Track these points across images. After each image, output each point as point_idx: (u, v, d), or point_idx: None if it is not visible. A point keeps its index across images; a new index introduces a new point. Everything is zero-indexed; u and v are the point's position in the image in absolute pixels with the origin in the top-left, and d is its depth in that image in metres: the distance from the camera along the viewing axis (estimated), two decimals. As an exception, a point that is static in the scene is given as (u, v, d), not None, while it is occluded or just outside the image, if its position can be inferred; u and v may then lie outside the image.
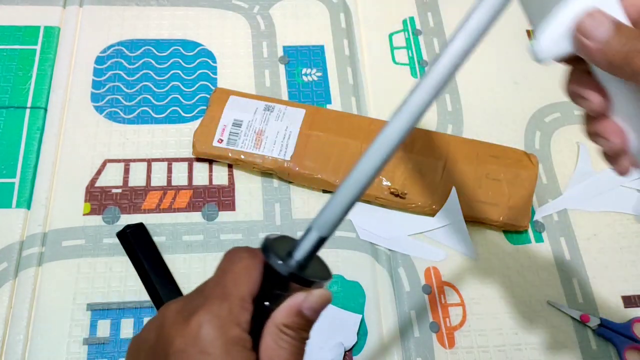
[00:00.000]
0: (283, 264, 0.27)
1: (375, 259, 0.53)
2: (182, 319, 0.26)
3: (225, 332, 0.26)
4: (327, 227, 0.28)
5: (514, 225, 0.54)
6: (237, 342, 0.26)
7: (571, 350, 0.50)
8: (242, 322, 0.26)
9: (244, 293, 0.27)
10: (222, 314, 0.26)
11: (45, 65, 0.60)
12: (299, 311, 0.28)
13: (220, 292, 0.27)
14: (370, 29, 0.66)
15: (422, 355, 0.49)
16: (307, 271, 0.28)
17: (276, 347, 0.27)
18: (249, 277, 0.28)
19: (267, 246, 0.28)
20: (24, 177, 0.54)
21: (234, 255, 0.29)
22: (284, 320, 0.28)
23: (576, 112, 0.62)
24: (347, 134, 0.56)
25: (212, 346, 0.25)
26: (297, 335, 0.28)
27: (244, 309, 0.27)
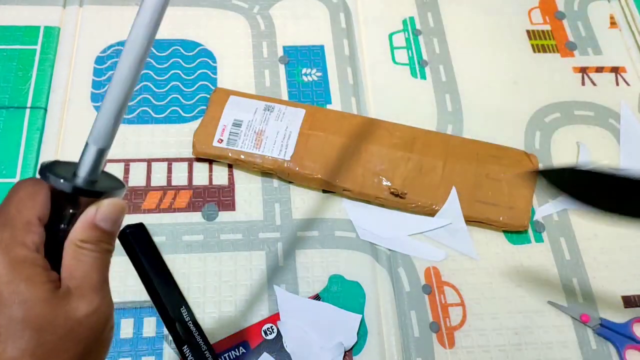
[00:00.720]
0: (64, 181, 0.27)
1: (375, 259, 0.53)
2: None
3: (8, 252, 0.26)
4: (102, 139, 0.28)
5: (514, 225, 0.54)
6: (24, 260, 0.26)
7: (571, 350, 0.50)
8: (27, 243, 0.26)
9: (29, 216, 0.27)
10: (3, 238, 0.26)
11: (45, 65, 0.60)
12: (93, 224, 0.28)
13: (3, 219, 0.27)
14: (370, 29, 0.66)
15: (422, 355, 0.49)
16: (96, 186, 0.29)
17: (76, 262, 0.27)
18: (32, 201, 0.27)
19: (44, 168, 0.28)
20: (24, 177, 0.54)
21: (17, 185, 0.29)
22: (79, 235, 0.28)
23: (576, 112, 0.62)
24: (347, 134, 0.56)
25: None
26: (96, 248, 0.28)
27: (30, 231, 0.27)
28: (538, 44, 0.66)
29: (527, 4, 0.69)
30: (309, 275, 0.52)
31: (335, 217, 0.54)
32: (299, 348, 0.48)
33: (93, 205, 0.28)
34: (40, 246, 0.27)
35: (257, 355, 0.47)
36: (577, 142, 0.60)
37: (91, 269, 0.28)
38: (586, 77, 0.64)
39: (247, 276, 0.51)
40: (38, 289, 0.26)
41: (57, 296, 0.26)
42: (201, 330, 0.40)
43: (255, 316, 0.49)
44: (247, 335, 0.48)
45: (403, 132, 0.56)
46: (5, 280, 0.25)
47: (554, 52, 0.65)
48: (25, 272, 0.26)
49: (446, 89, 0.62)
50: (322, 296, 0.51)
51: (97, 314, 0.27)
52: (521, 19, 0.68)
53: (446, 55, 0.64)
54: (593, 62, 0.65)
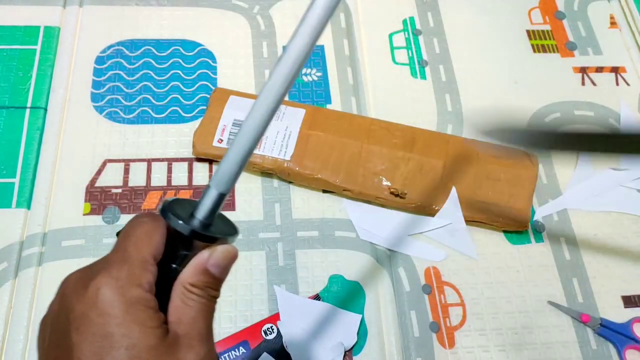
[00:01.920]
0: (183, 223, 0.27)
1: (375, 259, 0.53)
2: (81, 285, 0.26)
3: (124, 293, 0.25)
4: (224, 183, 0.28)
5: (514, 225, 0.54)
6: (138, 302, 0.26)
7: (571, 350, 0.50)
8: (143, 283, 0.26)
9: (145, 255, 0.27)
10: (121, 276, 0.26)
11: (45, 65, 0.60)
12: (205, 269, 0.28)
13: (121, 255, 0.27)
14: (370, 29, 0.66)
15: (422, 355, 0.49)
16: (211, 229, 0.28)
17: (183, 306, 0.27)
18: (149, 239, 0.27)
19: (165, 208, 0.28)
20: (24, 177, 0.54)
21: (136, 221, 0.28)
22: (189, 279, 0.27)
23: (576, 112, 0.62)
24: (347, 134, 0.56)
25: (112, 307, 0.25)
26: (204, 294, 0.28)
27: (146, 270, 0.26)
28: (538, 44, 0.66)
29: (527, 4, 0.69)
30: (309, 275, 0.52)
31: (335, 217, 0.54)
32: (299, 348, 0.48)
33: (206, 250, 0.28)
34: (153, 286, 0.27)
35: (257, 355, 0.47)
36: (577, 142, 0.60)
37: (198, 316, 0.27)
38: (586, 77, 0.64)
39: (247, 276, 0.51)
40: (149, 334, 0.25)
41: (165, 344, 0.26)
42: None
43: (255, 316, 0.49)
44: (247, 335, 0.48)
45: (403, 132, 0.56)
46: (118, 322, 0.25)
47: (554, 52, 0.65)
48: (139, 314, 0.25)
49: (446, 89, 0.62)
50: (322, 296, 0.51)
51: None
52: (521, 19, 0.68)
53: (446, 55, 0.64)
54: (593, 62, 0.65)
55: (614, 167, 0.58)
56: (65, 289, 0.27)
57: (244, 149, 0.27)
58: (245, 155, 0.28)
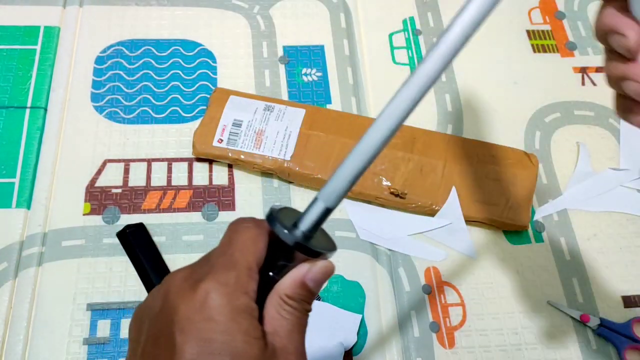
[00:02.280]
0: (289, 233, 0.27)
1: (375, 259, 0.53)
2: (188, 286, 0.26)
3: (232, 300, 0.25)
4: (333, 198, 0.28)
5: (514, 225, 0.54)
6: (244, 310, 0.26)
7: (571, 351, 0.50)
8: (249, 291, 0.26)
9: (251, 262, 0.27)
10: (230, 282, 0.26)
11: (45, 65, 0.60)
12: (303, 282, 0.28)
13: (228, 260, 0.27)
14: (370, 29, 0.66)
15: (422, 355, 0.49)
16: (312, 242, 0.28)
17: (279, 317, 0.27)
18: (255, 246, 0.27)
19: (273, 216, 0.28)
20: (24, 177, 0.54)
21: (240, 225, 0.28)
22: (287, 291, 0.27)
23: (576, 112, 0.62)
24: (347, 134, 0.56)
25: (219, 314, 0.25)
26: (299, 307, 0.28)
27: (251, 278, 0.26)
28: (538, 44, 0.66)
29: (527, 4, 0.69)
30: (309, 275, 0.52)
31: (335, 217, 0.54)
32: (299, 348, 0.48)
33: (306, 264, 0.28)
34: (255, 294, 0.27)
35: (257, 355, 0.47)
36: (577, 142, 0.60)
37: (294, 329, 0.27)
38: (586, 77, 0.64)
39: (247, 276, 0.51)
40: (252, 345, 0.25)
41: (265, 356, 0.26)
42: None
43: (255, 316, 0.49)
44: (247, 335, 0.48)
45: (403, 132, 0.56)
46: (224, 329, 0.25)
47: (554, 52, 0.65)
48: (244, 323, 0.25)
49: (446, 89, 0.62)
50: (322, 296, 0.51)
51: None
52: (521, 19, 0.68)
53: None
54: (593, 62, 0.65)
55: (614, 167, 0.58)
56: (170, 288, 0.27)
57: (358, 166, 0.27)
58: (358, 174, 0.27)
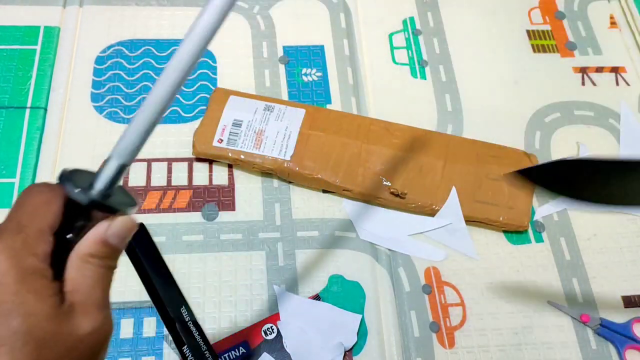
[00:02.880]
0: (82, 192, 0.27)
1: (375, 259, 0.53)
2: None
3: (19, 262, 0.25)
4: (126, 155, 0.28)
5: (514, 225, 0.54)
6: (33, 272, 0.25)
7: (571, 350, 0.50)
8: (38, 253, 0.26)
9: (42, 225, 0.27)
10: (16, 246, 0.25)
11: (45, 65, 0.60)
12: (103, 239, 0.28)
13: (15, 225, 0.26)
14: (370, 29, 0.66)
15: (422, 355, 0.49)
16: (110, 200, 0.28)
17: (80, 275, 0.27)
18: (46, 209, 0.27)
19: (64, 176, 0.28)
20: (24, 177, 0.54)
21: (32, 190, 0.28)
22: (87, 249, 0.27)
23: (576, 112, 0.62)
24: (347, 134, 0.56)
25: (5, 276, 0.25)
26: (102, 263, 0.28)
27: (42, 241, 0.26)
28: (538, 44, 0.66)
29: (527, 4, 0.69)
30: (309, 275, 0.52)
31: (335, 217, 0.54)
32: (299, 348, 0.48)
33: (105, 221, 0.28)
34: (48, 256, 0.26)
35: (257, 355, 0.47)
36: (577, 142, 0.60)
37: (95, 285, 0.27)
38: (586, 77, 0.64)
39: (247, 276, 0.51)
40: (44, 303, 0.25)
41: (61, 312, 0.26)
42: (201, 330, 0.40)
43: (255, 316, 0.49)
44: (247, 335, 0.48)
45: (403, 132, 0.56)
46: (13, 291, 0.25)
47: (554, 52, 0.65)
48: (34, 284, 0.25)
49: (446, 89, 0.62)
50: (322, 296, 0.51)
51: (98, 333, 0.27)
52: (521, 19, 0.68)
53: (446, 55, 0.64)
54: (593, 62, 0.65)
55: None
56: None
57: (149, 120, 0.27)
58: (149, 127, 0.27)
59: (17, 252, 0.25)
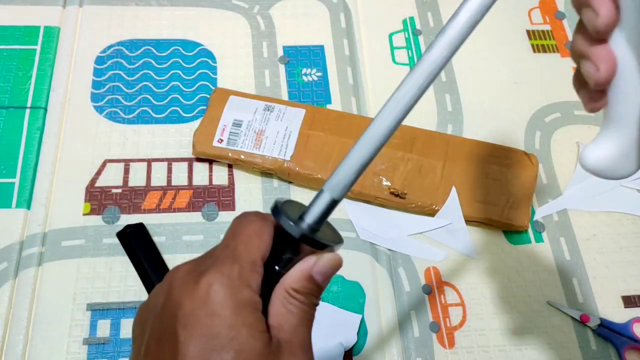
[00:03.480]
0: (295, 225, 0.27)
1: (375, 259, 0.53)
2: (191, 280, 0.25)
3: (236, 293, 0.25)
4: (339, 189, 0.28)
5: (514, 225, 0.54)
6: (248, 304, 0.25)
7: (571, 350, 0.50)
8: (253, 285, 0.26)
9: (255, 255, 0.26)
10: (233, 276, 0.25)
11: (45, 65, 0.60)
12: (310, 275, 0.27)
13: (231, 254, 0.26)
14: (370, 29, 0.66)
15: (422, 355, 0.49)
16: (318, 234, 0.28)
17: (285, 311, 0.27)
18: (260, 239, 0.27)
19: (278, 208, 0.27)
20: (24, 177, 0.54)
21: (244, 219, 0.28)
22: (293, 284, 0.27)
23: (576, 112, 0.62)
24: (347, 134, 0.56)
25: (222, 307, 0.24)
26: (306, 300, 0.27)
27: (255, 272, 0.26)
28: (538, 44, 0.66)
29: (527, 4, 0.69)
30: (309, 275, 0.52)
31: (335, 217, 0.54)
32: (299, 348, 0.48)
33: (313, 257, 0.28)
34: (259, 288, 0.26)
35: (257, 355, 0.47)
36: (577, 142, 0.60)
37: (300, 323, 0.27)
38: (586, 77, 0.64)
39: (247, 276, 0.51)
40: (257, 339, 0.25)
41: (271, 351, 0.25)
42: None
43: (255, 316, 0.49)
44: (247, 335, 0.48)
45: (403, 132, 0.56)
46: (228, 324, 0.24)
47: (554, 52, 0.65)
48: (248, 317, 0.25)
49: (446, 89, 0.62)
50: (322, 296, 0.50)
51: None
52: (521, 19, 0.68)
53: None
54: (593, 62, 0.65)
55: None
56: (173, 282, 0.26)
57: (364, 157, 0.27)
58: (364, 164, 0.27)
59: (234, 283, 0.25)
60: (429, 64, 0.26)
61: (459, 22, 0.26)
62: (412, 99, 0.26)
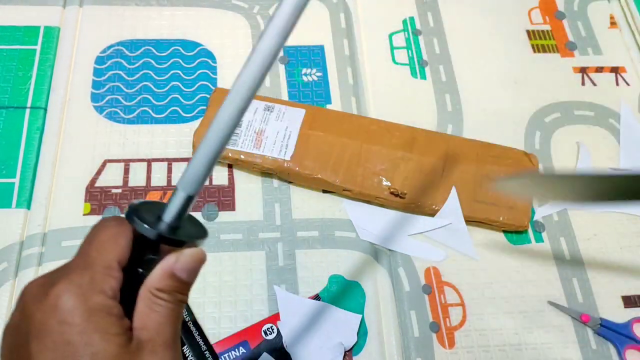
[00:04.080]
0: (148, 226, 0.27)
1: (375, 259, 0.53)
2: (42, 292, 0.25)
3: (86, 300, 0.25)
4: (193, 185, 0.27)
5: (514, 225, 0.54)
6: (100, 309, 0.25)
7: (571, 350, 0.50)
8: (105, 289, 0.25)
9: (109, 260, 0.26)
10: (83, 283, 0.25)
11: (45, 65, 0.60)
12: (172, 273, 0.27)
13: (83, 261, 0.26)
14: (370, 29, 0.66)
15: (422, 355, 0.49)
16: (179, 232, 0.28)
17: (149, 311, 0.26)
18: (114, 244, 0.27)
19: (131, 211, 0.27)
20: (24, 177, 0.54)
21: (100, 225, 0.28)
22: (156, 284, 0.27)
23: (576, 112, 0.62)
24: (347, 134, 0.56)
25: (72, 315, 0.24)
26: (171, 298, 0.27)
27: (109, 276, 0.26)
28: (538, 44, 0.66)
29: (527, 4, 0.69)
30: (309, 275, 0.52)
31: (335, 217, 0.54)
32: (299, 348, 0.48)
33: (173, 254, 0.27)
34: (117, 292, 0.26)
35: (257, 355, 0.47)
36: (577, 142, 0.60)
37: (165, 321, 0.27)
38: (586, 77, 0.64)
39: (247, 276, 0.51)
40: (111, 342, 0.25)
41: (128, 351, 0.25)
42: (201, 330, 0.40)
43: (255, 316, 0.49)
44: (247, 335, 0.48)
45: (403, 132, 0.56)
46: (79, 330, 0.24)
47: (554, 52, 0.65)
48: (101, 322, 0.25)
49: (446, 89, 0.62)
50: (322, 296, 0.51)
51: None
52: (521, 19, 0.68)
53: (446, 55, 0.64)
54: (593, 62, 0.65)
55: (614, 167, 0.58)
56: (26, 297, 0.26)
57: (213, 150, 0.27)
58: (214, 157, 0.27)
59: (84, 290, 0.25)
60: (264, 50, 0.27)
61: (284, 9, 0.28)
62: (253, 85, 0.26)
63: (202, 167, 0.27)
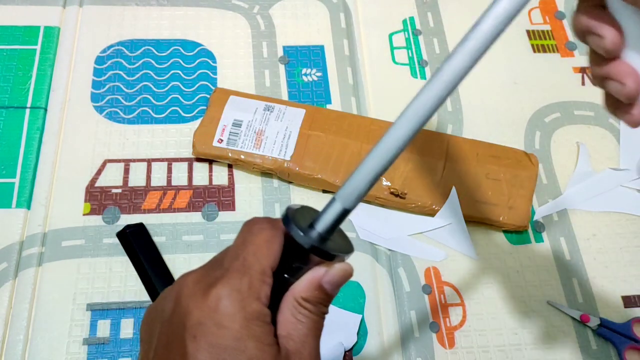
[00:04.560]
0: (305, 235, 0.27)
1: (375, 259, 0.53)
2: (200, 290, 0.26)
3: (245, 306, 0.25)
4: (351, 199, 0.27)
5: (514, 225, 0.54)
6: (257, 317, 0.25)
7: (571, 350, 0.50)
8: (262, 297, 0.26)
9: (265, 266, 0.26)
10: (242, 288, 0.25)
11: (45, 65, 0.60)
12: (319, 285, 0.27)
13: (240, 264, 0.26)
14: (370, 29, 0.66)
15: (422, 355, 0.49)
16: (328, 244, 0.28)
17: (295, 320, 0.27)
18: (269, 249, 0.27)
19: (289, 217, 0.27)
20: (24, 177, 0.54)
21: (254, 226, 0.28)
22: (303, 293, 0.27)
23: (576, 112, 0.62)
24: (347, 134, 0.56)
25: (231, 320, 0.25)
26: (316, 310, 0.27)
27: (264, 283, 0.26)
28: (538, 44, 0.66)
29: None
30: (309, 275, 0.52)
31: (335, 217, 0.54)
32: (299, 348, 0.48)
33: (323, 266, 0.28)
34: (269, 298, 0.26)
35: (257, 355, 0.47)
36: (577, 142, 0.60)
37: (309, 333, 0.27)
38: (586, 77, 0.64)
39: (247, 276, 0.51)
40: (265, 352, 0.25)
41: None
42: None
43: (255, 316, 0.49)
44: (247, 335, 0.48)
45: (403, 132, 0.56)
46: (236, 336, 0.25)
47: (554, 52, 0.65)
48: (257, 330, 0.25)
49: (446, 89, 0.62)
50: (322, 296, 0.50)
51: None
52: (521, 19, 0.68)
53: (446, 55, 0.64)
54: (593, 62, 0.65)
55: (614, 167, 0.58)
56: (183, 290, 0.26)
57: (377, 167, 0.27)
58: (378, 175, 0.27)
59: (243, 296, 0.25)
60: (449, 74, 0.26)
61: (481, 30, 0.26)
62: (430, 110, 0.26)
63: (365, 182, 0.27)
